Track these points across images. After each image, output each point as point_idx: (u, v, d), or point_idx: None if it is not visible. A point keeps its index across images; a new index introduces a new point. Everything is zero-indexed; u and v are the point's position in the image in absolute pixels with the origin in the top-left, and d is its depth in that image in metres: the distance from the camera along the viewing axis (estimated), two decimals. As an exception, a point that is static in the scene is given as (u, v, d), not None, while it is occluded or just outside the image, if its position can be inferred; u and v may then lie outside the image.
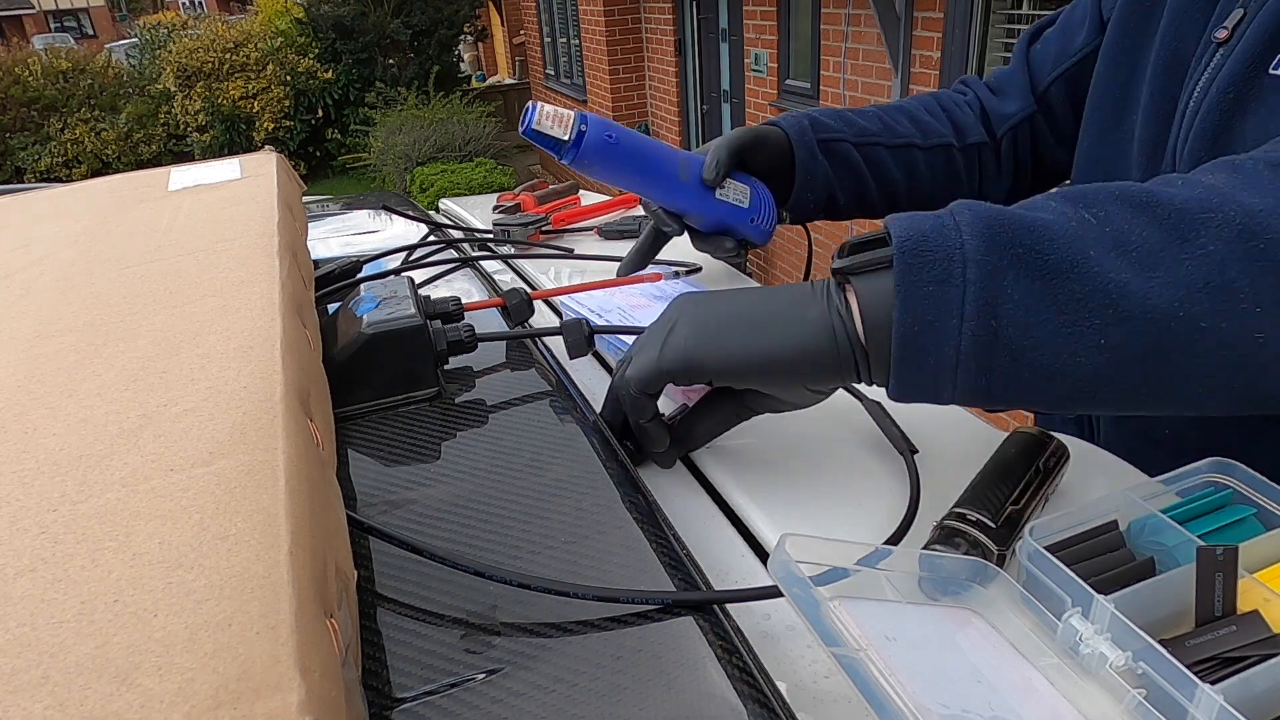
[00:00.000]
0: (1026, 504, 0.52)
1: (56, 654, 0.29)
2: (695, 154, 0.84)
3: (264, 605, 0.31)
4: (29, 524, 0.36)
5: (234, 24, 10.53)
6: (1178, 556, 0.44)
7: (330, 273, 0.91)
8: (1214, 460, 0.50)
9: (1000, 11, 3.24)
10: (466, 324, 0.72)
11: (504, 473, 0.58)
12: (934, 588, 0.45)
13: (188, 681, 0.28)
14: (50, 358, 0.51)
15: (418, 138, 7.90)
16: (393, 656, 0.42)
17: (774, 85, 4.88)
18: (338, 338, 0.67)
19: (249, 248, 0.66)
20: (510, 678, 0.40)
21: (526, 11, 9.43)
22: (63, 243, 0.74)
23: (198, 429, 0.42)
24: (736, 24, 5.20)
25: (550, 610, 0.44)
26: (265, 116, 9.81)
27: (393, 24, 9.64)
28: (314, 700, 0.28)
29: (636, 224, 1.18)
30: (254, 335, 0.51)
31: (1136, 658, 0.38)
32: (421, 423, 0.65)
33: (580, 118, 0.75)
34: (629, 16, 6.61)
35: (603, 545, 0.50)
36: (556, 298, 0.91)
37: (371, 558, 0.49)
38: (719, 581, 0.50)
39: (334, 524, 0.42)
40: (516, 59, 12.63)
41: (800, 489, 0.59)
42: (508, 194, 1.35)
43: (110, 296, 0.60)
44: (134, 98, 10.66)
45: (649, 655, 0.42)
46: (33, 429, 0.44)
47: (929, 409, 0.68)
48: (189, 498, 0.37)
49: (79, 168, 10.00)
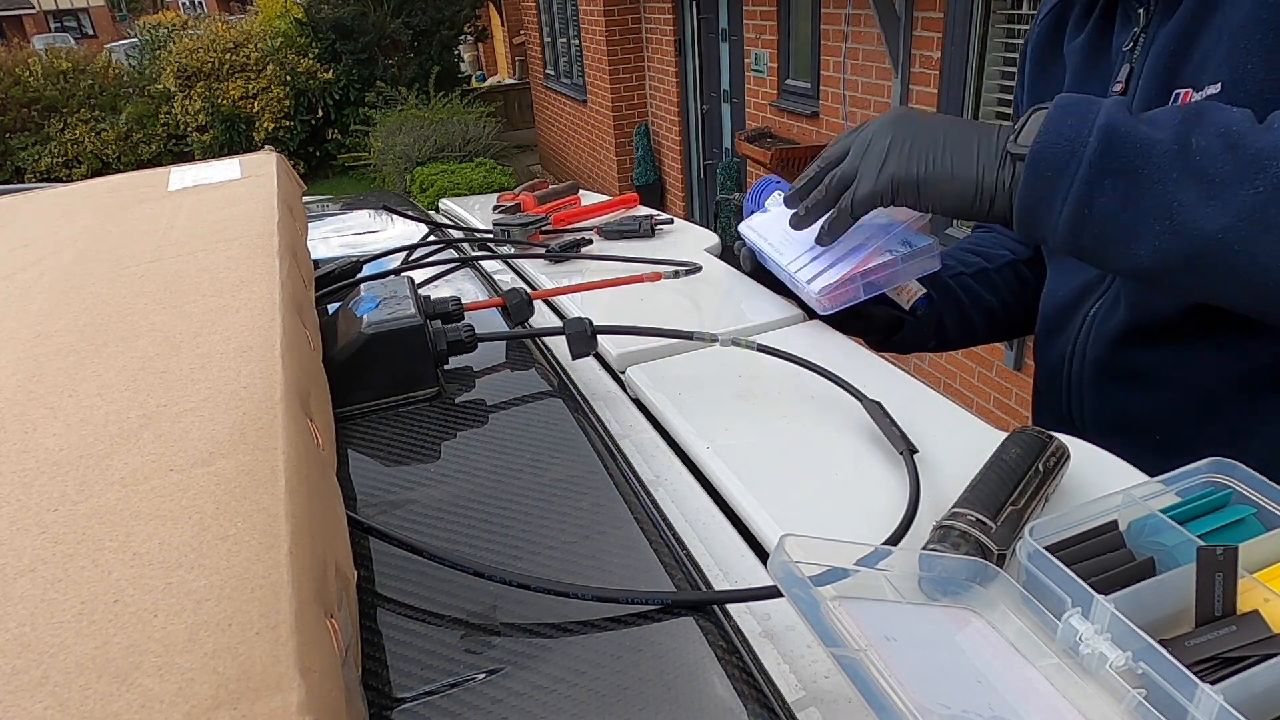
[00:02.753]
0: (1026, 504, 0.52)
1: (56, 654, 0.29)
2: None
3: (264, 605, 0.31)
4: (29, 524, 0.36)
5: (234, 24, 10.53)
6: (1178, 556, 0.44)
7: (330, 273, 0.91)
8: (1214, 460, 0.50)
9: (1000, 11, 3.24)
10: (466, 324, 0.72)
11: (504, 473, 0.58)
12: (934, 588, 0.45)
13: (188, 681, 0.28)
14: (50, 358, 0.51)
15: (418, 138, 7.90)
16: (393, 656, 0.42)
17: (774, 85, 4.88)
18: (338, 338, 0.67)
19: (249, 248, 0.66)
20: (510, 678, 0.40)
21: (526, 11, 9.42)
22: (63, 243, 0.74)
23: (198, 429, 0.42)
24: (736, 24, 5.20)
25: (550, 610, 0.44)
26: (265, 116, 9.80)
27: (393, 24, 9.64)
28: (314, 700, 0.28)
29: (636, 224, 1.18)
30: (254, 335, 0.51)
31: (1136, 658, 0.38)
32: (421, 423, 0.65)
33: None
34: (629, 16, 6.60)
35: (603, 545, 0.50)
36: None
37: (371, 558, 0.49)
38: (719, 581, 0.50)
39: (334, 524, 0.42)
40: (516, 59, 12.63)
41: (800, 489, 0.59)
42: (508, 194, 1.35)
43: (110, 296, 0.60)
44: (134, 98, 10.66)
45: (649, 655, 0.42)
46: (33, 429, 0.44)
47: (928, 409, 0.68)
48: (189, 498, 0.37)
49: (79, 168, 10.00)
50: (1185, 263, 0.54)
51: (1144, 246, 0.55)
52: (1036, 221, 0.59)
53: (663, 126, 6.59)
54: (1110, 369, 0.76)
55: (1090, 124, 0.57)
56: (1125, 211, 0.55)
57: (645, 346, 0.80)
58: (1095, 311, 0.77)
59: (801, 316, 0.89)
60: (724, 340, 0.74)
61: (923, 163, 0.63)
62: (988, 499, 0.51)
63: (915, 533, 0.52)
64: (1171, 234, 0.54)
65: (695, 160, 6.29)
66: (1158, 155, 0.54)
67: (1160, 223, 0.54)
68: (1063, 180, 0.57)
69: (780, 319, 0.88)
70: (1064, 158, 0.57)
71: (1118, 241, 0.56)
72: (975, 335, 0.95)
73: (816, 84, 4.47)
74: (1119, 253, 0.57)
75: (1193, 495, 0.49)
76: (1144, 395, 0.75)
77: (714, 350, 0.78)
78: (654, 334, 0.77)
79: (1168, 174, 0.53)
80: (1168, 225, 0.54)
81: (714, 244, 1.13)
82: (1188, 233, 0.53)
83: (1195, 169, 0.53)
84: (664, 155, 6.65)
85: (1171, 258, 0.54)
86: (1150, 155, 0.54)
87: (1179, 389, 0.72)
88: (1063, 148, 0.57)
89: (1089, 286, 0.78)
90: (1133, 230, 0.55)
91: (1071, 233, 0.58)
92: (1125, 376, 0.76)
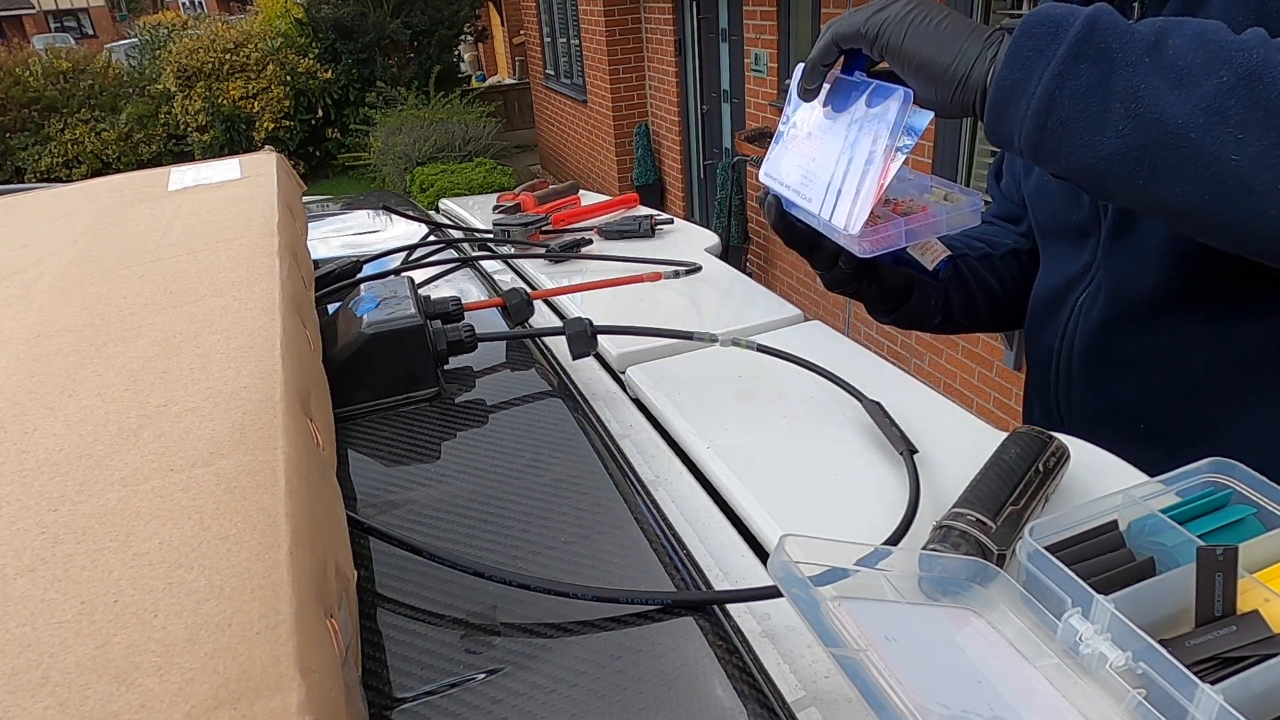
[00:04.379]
0: (1026, 504, 0.52)
1: (56, 654, 0.29)
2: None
3: (264, 605, 0.31)
4: (29, 524, 0.36)
5: (234, 24, 10.52)
6: (1178, 556, 0.44)
7: (330, 273, 0.91)
8: (1214, 460, 0.50)
9: (1000, 11, 3.24)
10: (466, 324, 0.72)
11: (504, 473, 0.58)
12: (934, 588, 0.45)
13: (188, 682, 0.28)
14: (50, 358, 0.51)
15: (418, 138, 7.89)
16: (393, 656, 0.42)
17: (774, 85, 4.87)
18: (338, 338, 0.67)
19: (249, 248, 0.66)
20: (510, 678, 0.40)
21: (526, 11, 9.42)
22: (63, 243, 0.74)
23: (198, 429, 0.42)
24: (736, 24, 5.20)
25: (550, 610, 0.44)
26: (265, 116, 9.80)
27: (393, 24, 9.63)
28: (314, 700, 0.28)
29: (636, 224, 1.18)
30: (254, 335, 0.51)
31: (1136, 658, 0.38)
32: (421, 423, 0.65)
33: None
34: (629, 16, 6.60)
35: (603, 545, 0.50)
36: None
37: (371, 558, 0.49)
38: (719, 581, 0.50)
39: (334, 524, 0.42)
40: (516, 59, 12.63)
41: (800, 489, 0.59)
42: (508, 194, 1.35)
43: (110, 296, 0.60)
44: (134, 98, 10.65)
45: (649, 655, 0.42)
46: (33, 429, 0.44)
47: (928, 409, 0.68)
48: (189, 498, 0.37)
49: (79, 168, 9.99)
50: (1143, 150, 0.54)
51: (1106, 133, 0.55)
52: (1010, 101, 0.58)
53: (663, 126, 6.59)
54: (1098, 357, 0.77)
55: (1077, 13, 0.57)
56: (1094, 94, 0.55)
57: (645, 346, 0.80)
58: (1081, 301, 0.78)
59: (802, 316, 0.89)
60: (724, 340, 0.74)
61: (916, 15, 0.62)
62: (988, 499, 0.51)
63: (915, 533, 0.52)
64: (1135, 119, 0.54)
65: (695, 160, 6.29)
66: (1134, 43, 0.55)
67: (1126, 106, 0.54)
68: (1042, 58, 0.57)
69: (780, 319, 0.88)
70: (1047, 37, 0.57)
71: (1082, 127, 0.56)
72: (978, 316, 0.95)
73: (816, 84, 4.46)
74: (1080, 140, 0.56)
75: (1193, 495, 0.49)
76: (1132, 383, 0.75)
77: (714, 350, 0.78)
78: (654, 334, 0.77)
79: (1140, 59, 0.54)
80: (1133, 109, 0.53)
81: (714, 244, 1.13)
82: (1150, 119, 0.53)
83: (1166, 60, 0.53)
84: (664, 155, 6.65)
85: (1131, 145, 0.54)
86: (1127, 42, 0.55)
87: (1165, 375, 0.73)
88: (1048, 28, 0.57)
89: (1075, 277, 0.79)
90: (1098, 116, 0.55)
91: (1040, 116, 0.57)
92: (1113, 364, 0.76)
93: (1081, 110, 0.55)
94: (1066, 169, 0.58)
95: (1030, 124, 0.57)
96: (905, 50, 0.62)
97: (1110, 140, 0.55)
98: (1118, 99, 0.54)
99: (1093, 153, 0.55)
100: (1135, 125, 0.54)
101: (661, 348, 0.80)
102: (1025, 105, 0.57)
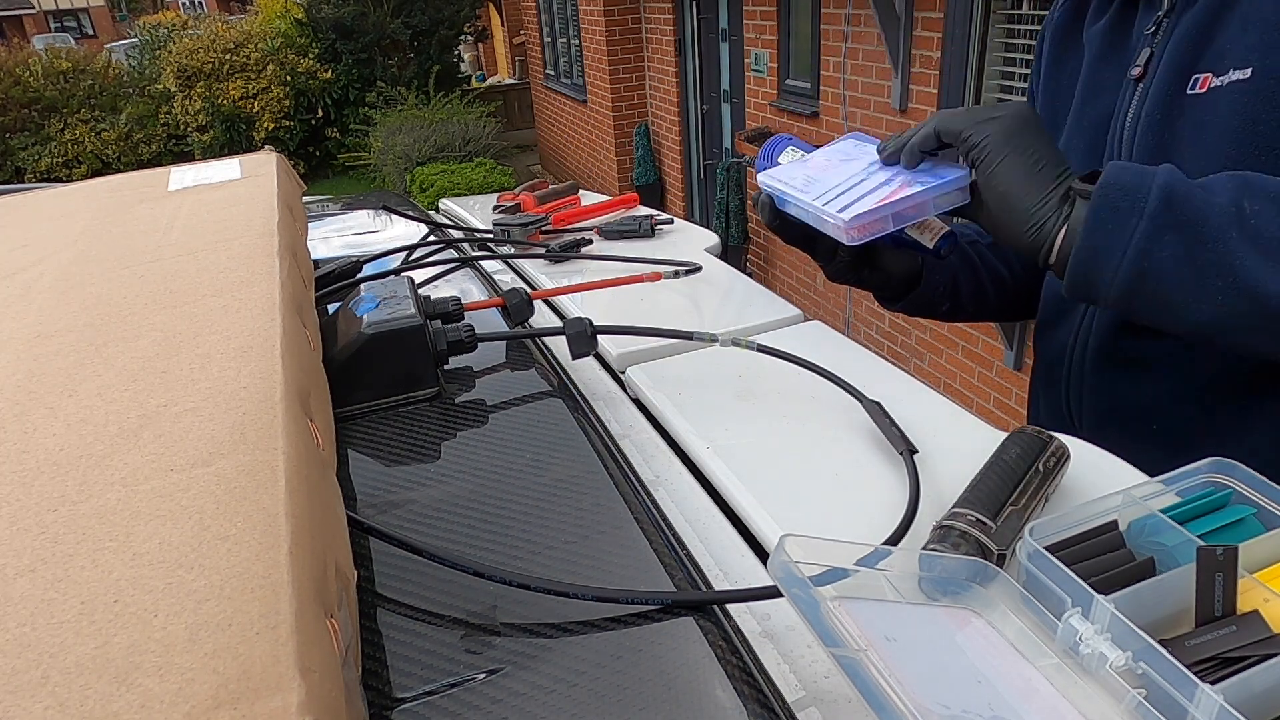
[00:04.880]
0: (1026, 504, 0.52)
1: (56, 654, 0.29)
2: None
3: (264, 605, 0.31)
4: (29, 524, 0.36)
5: (234, 24, 10.51)
6: (1178, 556, 0.44)
7: (330, 273, 0.91)
8: (1214, 460, 0.50)
9: (1000, 11, 3.24)
10: (466, 324, 0.72)
11: (504, 473, 0.58)
12: (934, 588, 0.45)
13: (188, 682, 0.28)
14: (50, 358, 0.51)
15: (418, 138, 7.89)
16: (393, 656, 0.42)
17: (774, 85, 4.87)
18: (338, 338, 0.67)
19: (249, 248, 0.66)
20: (510, 678, 0.40)
21: (526, 11, 9.42)
22: (63, 243, 0.74)
23: (198, 429, 0.42)
24: (736, 24, 5.20)
25: (550, 610, 0.44)
26: (265, 116, 9.79)
27: (393, 24, 9.63)
28: (314, 700, 0.28)
29: (636, 224, 1.18)
30: (254, 335, 0.51)
31: (1136, 658, 0.38)
32: (421, 423, 0.65)
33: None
34: (629, 16, 6.60)
35: (603, 545, 0.50)
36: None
37: (371, 558, 0.49)
38: (719, 581, 0.50)
39: (334, 524, 0.42)
40: (516, 59, 12.62)
41: (800, 489, 0.59)
42: (508, 194, 1.35)
43: (110, 296, 0.60)
44: (134, 98, 10.64)
45: (649, 655, 0.42)
46: (33, 429, 0.44)
47: (928, 409, 0.68)
48: (189, 498, 0.37)
49: (79, 168, 9.98)
50: (1243, 318, 0.56)
51: (1206, 304, 0.56)
52: (1097, 265, 0.59)
53: (663, 126, 6.59)
54: (1112, 357, 0.77)
55: (1149, 179, 0.58)
56: (1185, 267, 0.56)
57: (645, 346, 0.80)
58: None
59: (802, 316, 0.89)
60: (724, 340, 0.74)
61: (1018, 143, 0.62)
62: (988, 499, 0.51)
63: (915, 533, 0.52)
64: (1234, 293, 0.55)
65: (695, 160, 6.29)
66: (1215, 214, 0.56)
67: (1222, 279, 0.55)
68: (1124, 230, 0.57)
69: (780, 319, 0.88)
70: (1125, 209, 0.57)
71: (1178, 297, 0.57)
72: (986, 303, 0.94)
73: (816, 84, 4.46)
74: (1179, 309, 0.58)
75: (1193, 495, 0.49)
76: (1145, 384, 0.75)
77: (714, 350, 0.78)
78: (654, 334, 0.77)
79: (1226, 233, 0.55)
80: (1230, 283, 0.55)
81: (714, 244, 1.13)
82: (1250, 293, 0.55)
83: (1251, 230, 0.55)
84: (664, 155, 6.65)
85: (1235, 317, 0.56)
86: (1208, 214, 0.56)
87: (1179, 378, 0.73)
88: (1124, 199, 0.58)
89: None
90: (1193, 287, 0.56)
91: (1130, 283, 0.58)
92: (1127, 365, 0.76)
93: (1174, 282, 0.57)
94: (1157, 326, 0.61)
95: (1118, 290, 0.59)
96: (996, 174, 0.62)
97: (1208, 310, 0.56)
98: (1211, 273, 0.56)
99: (1194, 318, 0.57)
100: (1236, 300, 0.55)
101: (661, 348, 0.80)
102: (1113, 271, 0.58)
